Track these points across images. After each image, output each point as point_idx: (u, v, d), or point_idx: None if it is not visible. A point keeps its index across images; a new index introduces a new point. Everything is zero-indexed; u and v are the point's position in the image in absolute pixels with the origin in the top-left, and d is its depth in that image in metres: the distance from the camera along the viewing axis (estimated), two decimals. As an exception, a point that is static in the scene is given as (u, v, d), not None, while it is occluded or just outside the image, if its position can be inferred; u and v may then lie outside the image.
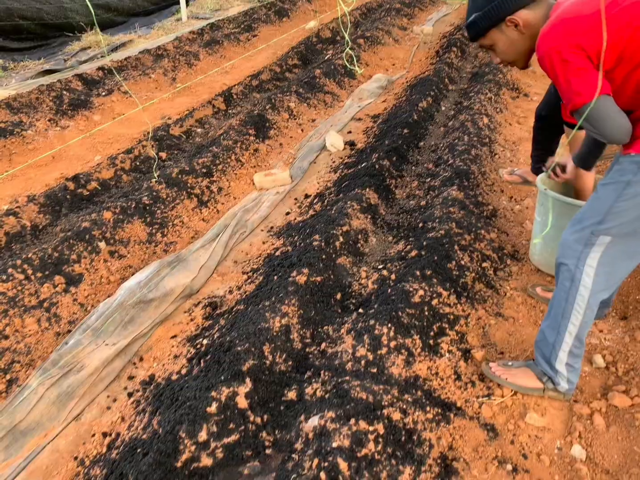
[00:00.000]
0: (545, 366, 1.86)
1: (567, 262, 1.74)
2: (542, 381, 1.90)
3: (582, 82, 1.51)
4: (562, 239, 1.77)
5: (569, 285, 1.74)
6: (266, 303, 2.29)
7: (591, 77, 1.50)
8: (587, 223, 1.69)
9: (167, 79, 5.79)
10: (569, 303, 1.74)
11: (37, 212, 3.14)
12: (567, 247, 1.74)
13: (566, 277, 1.74)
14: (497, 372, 1.99)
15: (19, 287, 2.44)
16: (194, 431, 1.65)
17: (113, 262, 2.80)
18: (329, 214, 2.98)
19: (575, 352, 1.80)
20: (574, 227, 1.74)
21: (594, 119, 1.54)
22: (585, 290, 1.71)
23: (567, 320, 1.76)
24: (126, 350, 2.26)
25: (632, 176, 1.57)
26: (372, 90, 5.47)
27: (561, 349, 1.80)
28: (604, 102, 1.51)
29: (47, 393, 2.02)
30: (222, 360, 1.95)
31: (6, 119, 4.41)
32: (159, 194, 3.32)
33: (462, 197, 3.06)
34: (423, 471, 1.65)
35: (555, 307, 1.81)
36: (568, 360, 1.81)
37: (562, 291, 1.76)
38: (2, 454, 1.84)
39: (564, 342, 1.79)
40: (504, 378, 1.96)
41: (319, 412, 1.75)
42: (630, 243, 1.66)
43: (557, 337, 1.79)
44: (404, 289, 2.28)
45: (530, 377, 1.93)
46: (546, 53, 1.55)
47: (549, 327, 1.83)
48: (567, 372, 1.83)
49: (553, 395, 1.91)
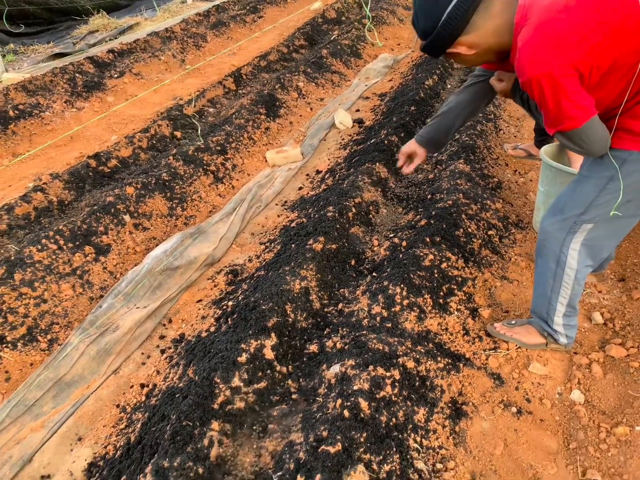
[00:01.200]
0: (545, 326, 2.02)
1: (550, 246, 1.82)
2: (543, 336, 2.06)
3: (574, 107, 1.45)
4: (543, 226, 1.84)
5: (554, 267, 1.84)
6: (286, 268, 2.44)
7: (583, 100, 1.44)
8: (568, 214, 1.74)
9: (176, 60, 5.89)
10: (557, 282, 1.86)
11: (62, 189, 3.29)
12: (550, 234, 1.81)
13: (551, 259, 1.83)
14: (501, 330, 2.15)
15: (53, 256, 2.60)
16: (228, 377, 1.82)
17: (138, 234, 2.96)
18: (342, 187, 3.12)
19: (569, 314, 1.95)
20: (555, 217, 1.79)
21: (582, 140, 1.53)
22: (572, 270, 1.82)
23: (556, 295, 1.89)
24: (156, 312, 2.42)
25: (615, 172, 1.58)
26: (379, 70, 5.57)
27: (555, 315, 1.95)
28: (593, 124, 1.49)
29: (87, 349, 2.19)
30: (249, 317, 2.11)
31: (24, 101, 4.54)
32: (177, 170, 3.46)
33: (469, 170, 3.19)
34: (435, 412, 1.81)
35: (543, 283, 1.91)
36: (564, 322, 1.97)
37: (548, 270, 1.87)
38: (51, 402, 2.02)
39: (557, 310, 1.93)
40: (508, 335, 2.12)
41: (339, 361, 1.92)
42: (611, 225, 1.73)
43: (550, 307, 1.94)
44: (415, 254, 2.43)
45: (532, 334, 2.09)
46: (535, 79, 1.41)
47: (540, 299, 1.97)
48: (565, 330, 1.99)
49: (555, 348, 2.07)
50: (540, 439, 1.78)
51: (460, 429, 1.80)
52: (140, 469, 1.61)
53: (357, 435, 1.59)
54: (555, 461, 1.71)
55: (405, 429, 1.69)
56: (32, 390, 2.04)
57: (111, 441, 1.84)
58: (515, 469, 1.69)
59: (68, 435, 1.89)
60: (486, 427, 1.82)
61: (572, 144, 1.57)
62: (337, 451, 1.53)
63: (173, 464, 1.56)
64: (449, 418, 1.82)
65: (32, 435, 1.89)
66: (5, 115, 4.18)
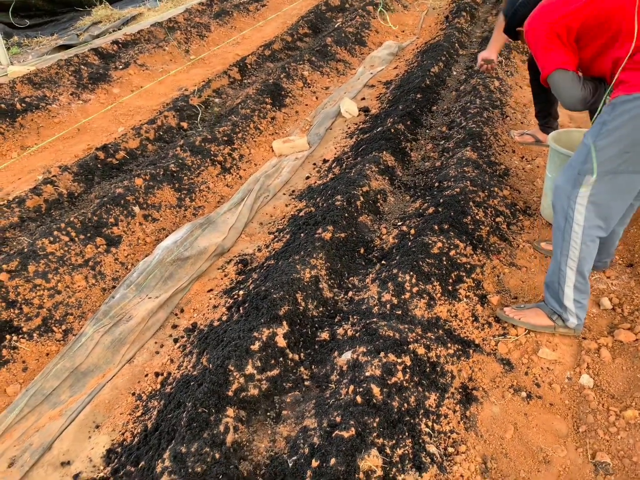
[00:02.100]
0: (555, 304, 2.04)
1: (559, 203, 1.92)
2: (552, 319, 2.08)
3: (545, 58, 1.93)
4: (554, 183, 1.96)
5: (563, 224, 1.92)
6: (296, 257, 2.46)
7: (555, 54, 1.89)
8: (573, 164, 1.88)
9: (180, 51, 5.88)
10: (565, 240, 1.92)
11: (71, 181, 3.32)
12: (558, 188, 1.93)
13: (560, 216, 1.93)
14: (510, 314, 2.17)
15: (65, 247, 2.63)
16: (241, 365, 1.85)
17: (148, 225, 2.99)
18: (349, 176, 3.13)
19: (580, 287, 1.97)
20: (564, 171, 1.94)
21: (554, 89, 2.02)
22: (578, 227, 1.88)
23: (565, 257, 1.94)
24: (168, 302, 2.45)
25: (607, 116, 1.78)
26: (383, 57, 5.55)
27: (566, 285, 1.97)
28: (558, 75, 1.94)
29: (102, 339, 2.23)
30: (260, 306, 2.14)
31: (30, 94, 4.56)
32: (184, 161, 3.48)
33: (476, 157, 3.19)
34: (446, 397, 1.84)
35: (555, 247, 1.99)
36: (575, 296, 1.98)
37: (558, 230, 1.95)
38: (68, 391, 2.06)
39: (567, 278, 1.96)
40: (517, 318, 2.14)
41: (350, 348, 1.95)
42: (614, 181, 1.82)
43: (560, 274, 1.97)
44: (424, 242, 2.44)
45: (541, 316, 2.11)
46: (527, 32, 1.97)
47: (553, 266, 2.02)
48: (575, 308, 2.00)
49: (564, 332, 2.09)
50: (550, 422, 1.81)
51: (470, 414, 1.83)
52: (159, 454, 1.65)
53: (370, 421, 1.62)
54: (565, 444, 1.74)
55: (417, 414, 1.72)
56: (49, 379, 2.09)
57: (128, 428, 1.88)
58: (525, 452, 1.72)
59: (86, 423, 1.93)
60: (496, 411, 1.85)
61: (552, 91, 2.04)
62: (351, 436, 1.56)
63: (190, 450, 1.59)
64: (460, 403, 1.85)
65: (50, 423, 1.93)
66: (13, 108, 4.20)
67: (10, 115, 4.14)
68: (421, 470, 1.56)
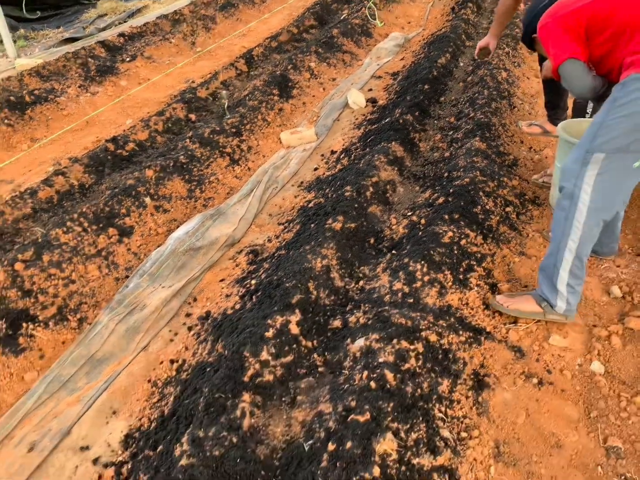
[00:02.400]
0: (546, 289, 2.04)
1: (566, 183, 1.91)
2: (541, 306, 2.08)
3: (555, 49, 2.04)
4: (562, 165, 1.96)
5: (568, 204, 1.90)
6: (306, 247, 2.49)
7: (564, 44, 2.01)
8: (582, 143, 1.88)
9: (186, 43, 5.89)
10: (568, 220, 1.90)
11: (82, 172, 3.34)
12: (566, 169, 1.92)
13: (565, 197, 1.91)
14: (501, 301, 2.18)
15: (78, 238, 2.66)
16: (256, 351, 1.88)
17: (159, 216, 3.01)
18: (358, 167, 3.15)
19: (576, 272, 1.96)
20: (572, 152, 1.93)
21: (564, 77, 2.10)
22: (584, 206, 1.86)
23: (567, 238, 1.92)
24: (181, 291, 2.48)
25: (618, 93, 1.81)
26: (390, 49, 5.54)
27: (562, 268, 1.96)
28: (568, 64, 2.03)
29: (117, 327, 2.26)
30: (273, 295, 2.17)
31: (39, 87, 4.58)
32: (193, 153, 3.50)
33: (485, 147, 3.20)
34: (459, 383, 1.86)
35: (556, 228, 1.97)
36: (569, 280, 1.97)
37: (562, 210, 1.93)
38: (84, 378, 2.09)
39: (564, 260, 1.94)
40: (506, 306, 2.15)
41: (363, 335, 1.97)
42: (622, 161, 1.82)
43: (558, 255, 1.95)
44: (434, 231, 2.46)
45: (530, 303, 2.12)
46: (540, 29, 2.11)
47: (551, 249, 2.00)
48: (567, 293, 2.00)
49: (554, 318, 2.08)
50: (561, 408, 1.83)
51: (483, 400, 1.85)
52: (177, 439, 1.68)
53: (385, 405, 1.64)
54: (576, 429, 1.76)
55: (430, 399, 1.75)
56: (66, 367, 2.12)
57: (145, 414, 1.91)
58: (537, 436, 1.74)
59: (103, 409, 1.96)
60: (508, 397, 1.87)
61: (563, 80, 2.12)
62: (366, 420, 1.58)
63: (208, 434, 1.62)
64: (472, 389, 1.87)
65: (68, 409, 1.96)
66: (22, 101, 4.22)
67: (19, 108, 4.17)
68: (435, 454, 1.58)
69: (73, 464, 1.77)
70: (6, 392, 2.06)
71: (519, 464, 1.66)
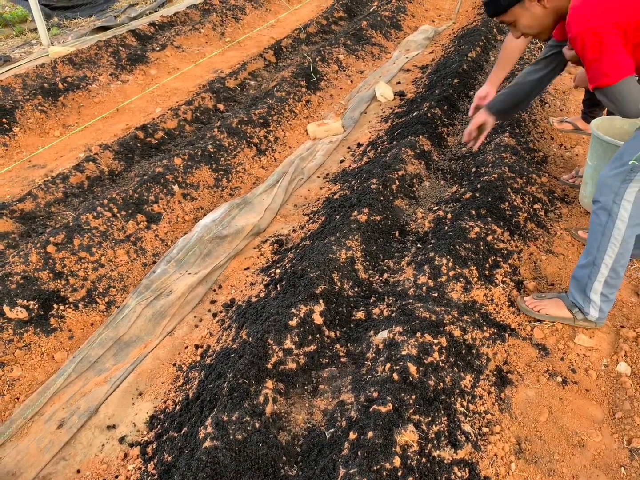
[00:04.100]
0: (578, 297, 2.00)
1: (604, 198, 1.82)
2: (572, 312, 2.05)
3: (611, 65, 1.59)
4: (600, 177, 1.85)
5: (605, 220, 1.83)
6: (332, 238, 2.49)
7: (620, 59, 1.59)
8: (625, 157, 1.77)
9: (216, 33, 5.92)
10: (605, 236, 1.85)
11: (112, 159, 3.40)
12: (605, 184, 1.82)
13: (603, 212, 1.83)
14: (530, 304, 2.15)
15: (107, 223, 2.72)
16: (280, 339, 1.90)
17: (186, 204, 3.05)
18: (385, 160, 3.14)
19: (611, 282, 1.92)
20: (613, 164, 1.83)
21: (615, 98, 1.65)
22: (622, 223, 1.80)
23: (603, 253, 1.87)
24: (207, 278, 2.52)
25: None
26: (419, 42, 5.49)
27: (597, 280, 1.92)
28: (627, 84, 1.61)
29: (144, 312, 2.31)
30: (297, 284, 2.18)
31: (71, 74, 4.66)
32: (221, 142, 3.53)
33: (514, 143, 3.16)
34: (481, 379, 1.86)
35: (592, 241, 1.91)
36: (603, 290, 1.93)
37: (599, 225, 1.86)
38: (112, 360, 2.14)
39: (600, 273, 1.90)
40: (536, 310, 2.12)
41: (386, 327, 1.97)
42: None
43: (593, 268, 1.91)
44: (461, 226, 2.45)
45: (560, 308, 2.08)
46: (579, 35, 1.58)
47: (586, 259, 1.95)
48: (601, 302, 1.96)
49: (583, 325, 2.06)
50: (585, 408, 1.81)
51: (505, 396, 1.84)
52: (201, 421, 1.71)
53: (407, 397, 1.65)
54: (600, 429, 1.74)
55: (452, 393, 1.75)
56: (95, 347, 2.17)
57: (170, 397, 1.95)
58: (559, 435, 1.73)
59: (129, 390, 2.01)
60: (531, 395, 1.86)
61: (607, 101, 1.69)
62: (388, 411, 1.59)
63: (232, 418, 1.65)
64: (495, 385, 1.87)
65: (96, 389, 2.02)
66: (55, 88, 4.31)
67: (52, 95, 4.25)
68: (456, 447, 1.59)
69: (100, 442, 1.82)
70: (37, 370, 2.13)
71: (540, 462, 1.65)
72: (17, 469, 1.74)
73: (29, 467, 1.75)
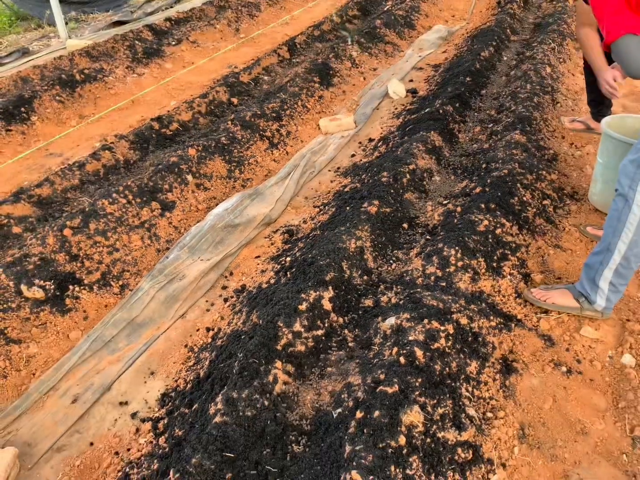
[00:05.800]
0: (587, 284, 2.02)
1: (621, 184, 1.86)
2: (578, 301, 2.07)
3: (611, 22, 1.76)
4: (621, 165, 1.90)
5: (622, 205, 1.86)
6: (341, 228, 2.54)
7: (621, 18, 1.74)
8: None
9: (231, 29, 5.98)
10: (621, 222, 1.86)
11: (127, 148, 3.47)
12: (624, 170, 1.87)
13: (620, 198, 1.87)
14: (537, 295, 2.18)
15: (122, 209, 2.78)
16: (290, 322, 1.94)
17: (199, 193, 3.11)
18: (396, 154, 3.17)
19: (621, 271, 1.92)
20: (632, 152, 1.87)
21: (618, 56, 1.80)
22: (638, 208, 1.81)
23: (617, 238, 1.88)
24: (218, 265, 2.57)
25: None
26: (433, 41, 5.52)
27: (608, 266, 1.93)
28: (625, 41, 1.74)
29: (157, 295, 2.36)
30: (307, 271, 2.23)
31: (88, 66, 4.74)
32: (234, 135, 3.58)
33: (525, 140, 3.18)
34: (487, 366, 1.89)
35: (608, 227, 1.93)
36: (613, 278, 1.94)
37: (615, 210, 1.89)
38: (125, 340, 2.20)
39: (612, 260, 1.91)
40: (543, 300, 2.15)
41: (394, 314, 2.01)
42: None
43: (607, 254, 1.92)
44: (470, 219, 2.48)
45: (567, 297, 2.11)
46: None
47: (600, 246, 1.96)
48: (608, 291, 1.98)
49: (590, 315, 2.08)
50: (589, 397, 1.84)
51: (510, 384, 1.87)
52: (212, 398, 1.76)
53: (413, 380, 1.68)
54: (603, 418, 1.77)
55: (457, 378, 1.78)
56: (109, 328, 2.23)
57: (181, 376, 2.00)
58: (563, 422, 1.76)
59: (142, 369, 2.06)
60: (536, 383, 1.88)
61: (616, 58, 1.83)
62: (394, 392, 1.63)
63: (242, 395, 1.69)
64: (500, 372, 1.90)
65: (110, 367, 2.07)
66: (72, 79, 4.38)
67: (69, 86, 4.33)
68: (460, 429, 1.62)
69: (113, 417, 1.88)
70: (53, 348, 2.19)
71: (543, 447, 1.68)
72: (32, 440, 1.80)
73: (44, 438, 1.80)
